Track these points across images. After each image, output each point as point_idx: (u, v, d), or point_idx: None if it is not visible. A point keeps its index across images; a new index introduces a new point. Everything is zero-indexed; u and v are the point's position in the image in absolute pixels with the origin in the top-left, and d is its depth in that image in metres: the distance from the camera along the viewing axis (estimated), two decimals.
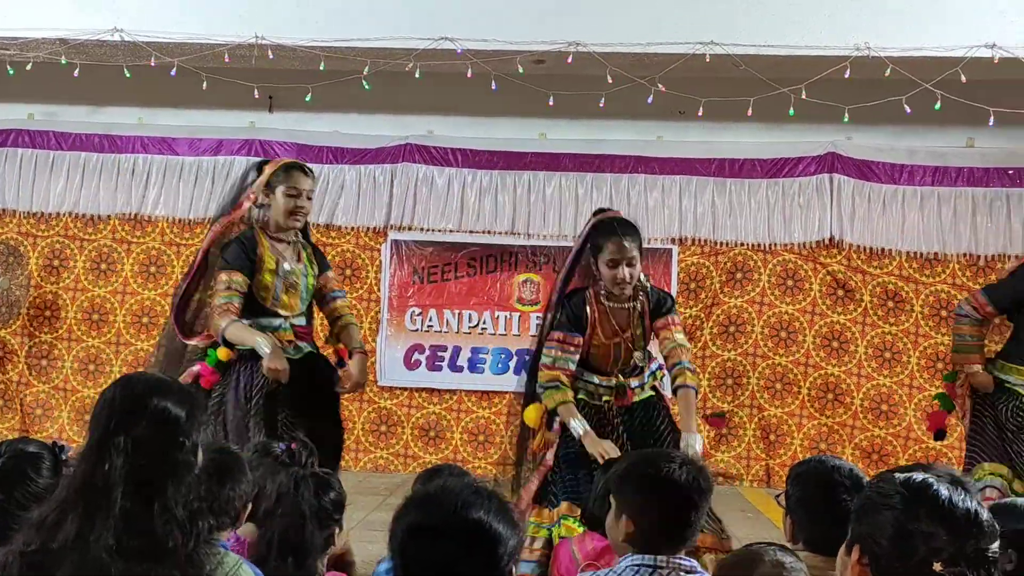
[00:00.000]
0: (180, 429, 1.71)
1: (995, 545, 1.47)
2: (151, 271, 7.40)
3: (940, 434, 4.75)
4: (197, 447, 1.73)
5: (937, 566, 1.42)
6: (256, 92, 6.38)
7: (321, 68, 6.08)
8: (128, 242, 7.42)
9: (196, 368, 3.79)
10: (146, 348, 7.32)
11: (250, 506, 2.52)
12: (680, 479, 2.16)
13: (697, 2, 6.04)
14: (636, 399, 3.92)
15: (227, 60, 6.03)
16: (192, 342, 3.96)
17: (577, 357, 3.79)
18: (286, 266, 3.91)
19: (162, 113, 7.43)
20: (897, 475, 1.55)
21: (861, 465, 6.82)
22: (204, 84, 6.20)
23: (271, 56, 5.98)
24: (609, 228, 3.75)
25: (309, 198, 3.97)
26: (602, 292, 3.82)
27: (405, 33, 5.92)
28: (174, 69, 6.11)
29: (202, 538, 1.64)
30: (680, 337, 3.87)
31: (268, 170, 3.96)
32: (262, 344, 3.65)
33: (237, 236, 3.92)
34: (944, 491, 1.47)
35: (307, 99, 6.34)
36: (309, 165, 4.21)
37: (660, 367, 4.10)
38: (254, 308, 3.86)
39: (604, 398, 3.86)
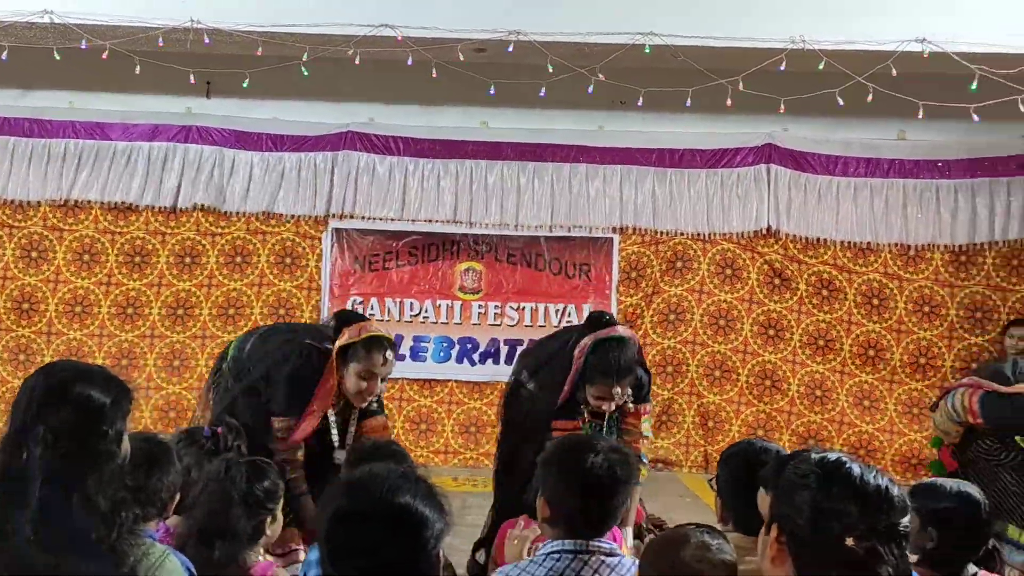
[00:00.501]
0: (103, 417, 1.67)
1: (906, 519, 1.51)
2: (84, 259, 7.23)
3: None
4: (121, 436, 1.70)
5: (849, 541, 1.45)
6: (192, 77, 6.25)
7: (259, 53, 5.99)
8: (60, 229, 7.24)
9: None
10: (78, 338, 7.16)
11: (178, 496, 2.48)
12: (597, 470, 2.15)
13: None
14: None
15: (161, 44, 5.90)
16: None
17: None
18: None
19: (94, 97, 7.25)
20: (813, 455, 1.58)
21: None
22: (137, 68, 6.06)
23: (207, 41, 5.86)
24: (605, 367, 3.63)
25: (383, 379, 3.49)
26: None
27: (345, 19, 5.85)
28: (106, 52, 5.97)
29: (126, 528, 1.61)
30: (646, 427, 3.88)
31: (346, 335, 3.40)
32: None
33: None
34: (856, 469, 1.51)
35: (245, 85, 6.24)
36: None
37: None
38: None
39: None
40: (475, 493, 5.68)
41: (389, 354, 3.43)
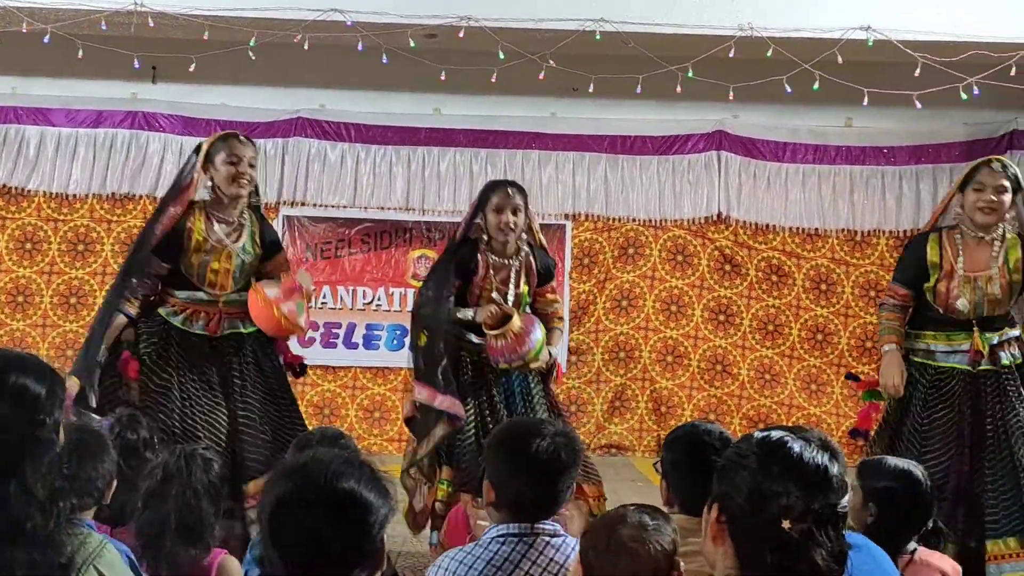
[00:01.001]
0: (40, 406, 1.64)
1: (844, 500, 1.50)
2: (27, 248, 7.08)
3: (857, 433, 4.27)
4: (58, 424, 1.67)
5: (786, 524, 1.44)
6: (137, 62, 6.13)
7: (205, 37, 5.89)
8: (2, 217, 7.07)
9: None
10: (21, 328, 7.01)
11: (114, 483, 2.45)
12: (542, 455, 2.15)
13: None
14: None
15: (104, 28, 5.78)
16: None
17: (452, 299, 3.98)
18: (213, 241, 3.85)
19: (37, 82, 7.08)
20: (756, 434, 1.58)
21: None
22: (80, 52, 5.93)
23: (152, 24, 5.75)
24: (498, 183, 4.10)
25: (252, 165, 3.88)
26: (488, 248, 4.04)
27: (293, 4, 5.78)
28: (47, 36, 5.83)
29: (63, 518, 1.59)
30: (553, 298, 4.32)
31: (205, 145, 3.90)
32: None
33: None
34: (797, 448, 1.50)
35: (191, 69, 6.13)
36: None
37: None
38: (183, 283, 3.85)
39: (483, 355, 3.98)
40: None
41: (243, 137, 3.94)
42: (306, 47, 5.98)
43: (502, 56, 5.94)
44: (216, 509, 2.54)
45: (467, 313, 3.98)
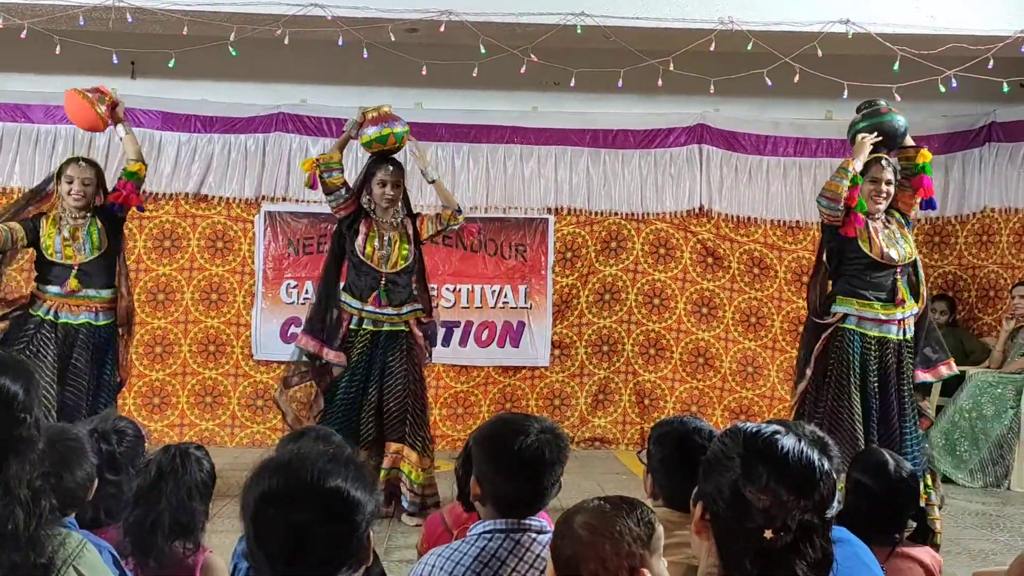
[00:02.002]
0: (20, 404, 1.62)
1: (830, 512, 1.46)
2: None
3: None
4: (39, 422, 1.65)
5: (768, 533, 1.41)
6: (116, 57, 6.08)
7: (184, 33, 5.85)
8: None
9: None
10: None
11: (95, 485, 2.44)
12: (526, 453, 2.12)
13: None
14: (386, 328, 4.95)
15: (82, 23, 5.73)
16: None
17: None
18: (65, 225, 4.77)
19: (14, 78, 7.02)
20: (745, 428, 1.51)
21: (730, 425, 7.10)
22: (58, 48, 5.87)
23: (130, 19, 5.71)
24: (381, 158, 5.09)
25: (85, 184, 4.77)
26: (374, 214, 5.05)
27: None
28: (24, 32, 5.77)
29: (44, 518, 1.57)
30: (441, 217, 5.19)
31: (55, 170, 4.89)
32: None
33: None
34: (785, 444, 1.44)
35: (171, 65, 6.08)
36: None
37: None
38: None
39: (362, 323, 4.95)
40: None
41: (82, 163, 4.87)
42: (286, 42, 5.95)
43: (483, 51, 5.94)
44: (206, 507, 2.53)
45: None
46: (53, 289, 4.69)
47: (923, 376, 4.58)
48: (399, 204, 5.12)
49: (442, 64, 6.14)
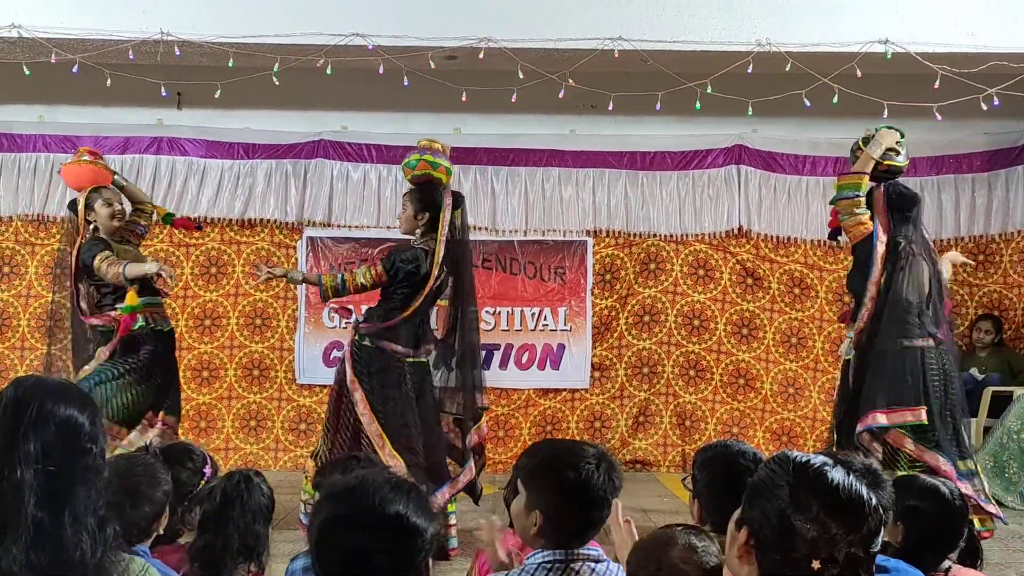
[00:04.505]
0: (87, 435, 1.67)
1: (879, 539, 1.45)
2: (56, 273, 7.16)
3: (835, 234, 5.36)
4: (104, 451, 1.70)
5: (815, 564, 1.40)
6: (164, 89, 6.23)
7: (230, 65, 5.99)
8: (32, 244, 7.19)
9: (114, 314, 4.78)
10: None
11: (167, 514, 2.50)
12: (596, 480, 2.12)
13: None
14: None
15: (131, 57, 5.88)
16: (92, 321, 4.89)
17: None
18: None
19: (65, 110, 7.23)
20: (794, 456, 1.51)
21: (772, 447, 7.05)
22: (108, 81, 6.03)
23: (178, 52, 5.85)
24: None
25: (120, 203, 5.02)
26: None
27: (315, 29, 5.86)
28: (76, 66, 5.94)
29: (110, 545, 1.62)
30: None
31: (81, 200, 5.03)
32: (152, 266, 4.74)
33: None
34: (835, 478, 1.43)
35: (216, 95, 6.22)
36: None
37: None
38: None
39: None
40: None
41: (102, 188, 5.03)
42: (328, 71, 6.05)
43: (521, 76, 6.00)
44: (267, 531, 2.60)
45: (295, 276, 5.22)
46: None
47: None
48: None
49: (481, 90, 6.21)
